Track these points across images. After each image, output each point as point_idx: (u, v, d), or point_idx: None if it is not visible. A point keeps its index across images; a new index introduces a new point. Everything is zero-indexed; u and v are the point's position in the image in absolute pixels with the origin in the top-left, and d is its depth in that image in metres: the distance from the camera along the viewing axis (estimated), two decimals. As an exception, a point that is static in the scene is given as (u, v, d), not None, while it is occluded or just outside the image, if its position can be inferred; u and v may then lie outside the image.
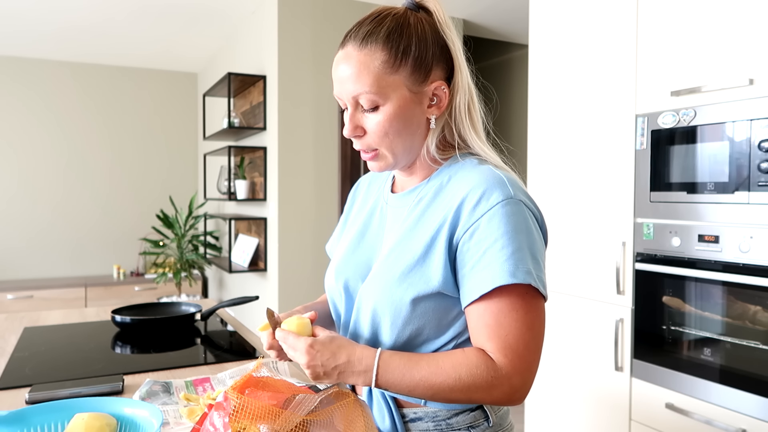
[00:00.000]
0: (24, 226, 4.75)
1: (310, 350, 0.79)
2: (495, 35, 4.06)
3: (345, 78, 0.85)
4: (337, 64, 0.86)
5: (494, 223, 0.79)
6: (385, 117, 0.84)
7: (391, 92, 0.84)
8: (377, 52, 0.83)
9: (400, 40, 0.84)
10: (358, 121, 0.86)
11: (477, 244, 0.80)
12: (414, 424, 0.87)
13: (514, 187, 0.83)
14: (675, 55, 1.66)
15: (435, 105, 0.87)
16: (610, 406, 1.87)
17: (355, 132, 0.87)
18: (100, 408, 0.87)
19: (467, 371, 0.78)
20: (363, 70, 0.83)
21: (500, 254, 0.78)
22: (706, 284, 1.59)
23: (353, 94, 0.84)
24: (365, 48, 0.84)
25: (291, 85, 3.24)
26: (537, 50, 2.18)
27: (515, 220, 0.80)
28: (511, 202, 0.81)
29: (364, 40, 0.84)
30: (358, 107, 0.86)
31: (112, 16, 3.64)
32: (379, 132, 0.85)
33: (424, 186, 0.91)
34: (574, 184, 2.02)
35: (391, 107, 0.84)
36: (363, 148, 0.88)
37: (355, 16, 3.36)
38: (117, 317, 1.62)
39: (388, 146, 0.86)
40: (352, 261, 0.95)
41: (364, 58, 0.83)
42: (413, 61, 0.84)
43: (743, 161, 1.49)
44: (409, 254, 0.85)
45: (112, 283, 4.69)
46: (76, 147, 4.90)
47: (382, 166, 0.89)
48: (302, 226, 3.31)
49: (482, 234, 0.80)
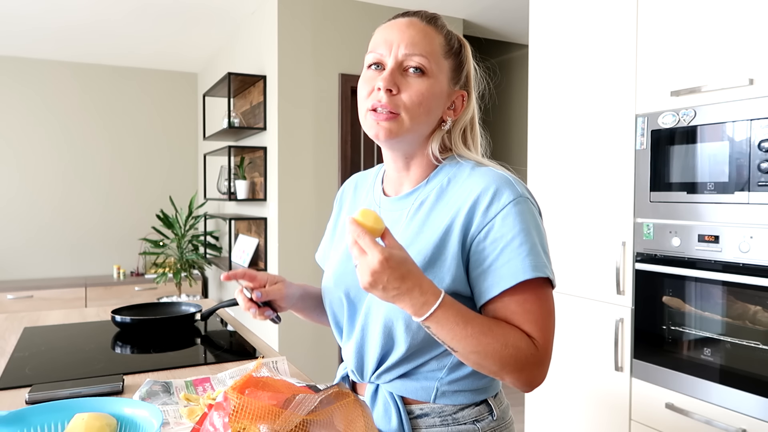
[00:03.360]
0: (24, 226, 4.75)
1: (384, 264, 0.71)
2: (495, 35, 4.06)
3: (405, 36, 0.86)
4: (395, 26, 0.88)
5: (509, 222, 0.82)
6: (428, 86, 0.86)
7: (438, 71, 0.88)
8: (440, 35, 0.89)
9: (453, 40, 0.92)
10: (397, 80, 0.86)
11: (493, 243, 0.82)
12: (421, 420, 0.88)
13: (520, 186, 0.86)
14: (675, 55, 1.66)
15: (452, 110, 0.92)
16: (610, 406, 1.87)
17: (393, 87, 0.85)
18: (100, 408, 0.87)
19: (514, 341, 0.79)
20: (427, 37, 0.87)
21: (519, 251, 0.80)
22: (706, 284, 1.59)
23: (408, 52, 0.85)
24: (432, 25, 0.89)
25: (291, 85, 3.24)
26: (537, 50, 2.18)
27: (527, 218, 0.83)
28: (521, 200, 0.84)
29: (431, 21, 0.89)
30: (400, 68, 0.86)
31: (112, 16, 3.64)
32: (415, 97, 0.85)
33: (423, 188, 0.91)
34: (574, 184, 2.02)
35: (432, 82, 0.87)
36: (388, 106, 0.85)
37: (355, 16, 3.37)
38: (117, 317, 1.62)
39: (413, 115, 0.86)
40: (349, 267, 0.95)
41: (430, 31, 0.88)
42: (457, 63, 0.92)
43: (743, 161, 1.49)
44: (418, 258, 0.85)
45: (112, 283, 4.69)
46: (76, 147, 4.90)
47: (393, 131, 0.86)
48: (302, 226, 3.31)
49: (498, 233, 0.82)
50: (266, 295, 0.98)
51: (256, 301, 0.97)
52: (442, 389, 0.87)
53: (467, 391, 0.88)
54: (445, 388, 0.87)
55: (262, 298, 0.98)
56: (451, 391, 0.88)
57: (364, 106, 0.89)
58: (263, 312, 0.99)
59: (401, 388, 0.89)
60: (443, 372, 0.87)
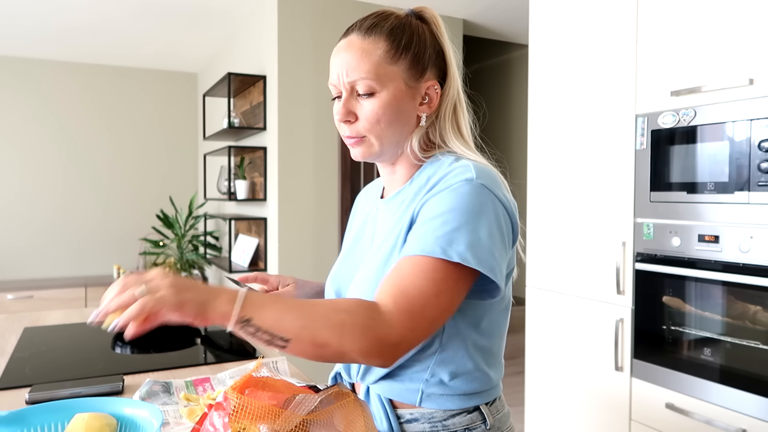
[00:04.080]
0: (24, 226, 4.75)
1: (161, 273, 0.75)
2: (495, 35, 4.06)
3: (345, 63, 0.87)
4: (338, 51, 0.89)
5: (444, 199, 0.80)
6: (380, 104, 0.86)
7: (388, 81, 0.86)
8: (380, 42, 0.87)
9: (402, 35, 0.88)
10: (351, 106, 0.88)
11: (421, 216, 0.82)
12: (410, 425, 0.87)
13: (479, 173, 0.82)
14: (675, 55, 1.66)
15: (426, 104, 0.91)
16: (610, 406, 1.87)
17: (347, 117, 0.88)
18: (100, 408, 0.87)
19: (346, 305, 0.74)
20: (364, 56, 0.86)
21: (439, 228, 0.77)
22: (706, 284, 1.59)
23: (351, 79, 0.86)
24: (369, 37, 0.87)
25: (291, 85, 3.24)
26: (537, 50, 2.18)
27: (468, 200, 0.79)
28: (471, 183, 0.80)
29: (369, 30, 0.87)
30: (353, 93, 0.88)
31: (113, 16, 3.64)
32: (371, 118, 0.87)
33: (408, 188, 0.93)
34: (574, 184, 2.02)
35: (386, 95, 0.86)
36: (351, 134, 0.89)
37: (355, 16, 3.36)
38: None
39: (377, 134, 0.88)
40: (343, 268, 1.00)
41: (367, 46, 0.86)
42: (412, 57, 0.88)
43: (743, 161, 1.49)
44: (386, 247, 0.88)
45: (112, 283, 4.68)
46: (77, 147, 4.90)
47: (365, 153, 0.90)
48: (302, 226, 3.31)
49: (429, 207, 0.81)
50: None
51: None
52: (427, 392, 0.86)
53: (455, 395, 0.86)
54: (431, 390, 0.86)
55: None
56: (438, 394, 0.86)
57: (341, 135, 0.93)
58: None
59: (388, 390, 0.89)
60: (427, 373, 0.86)
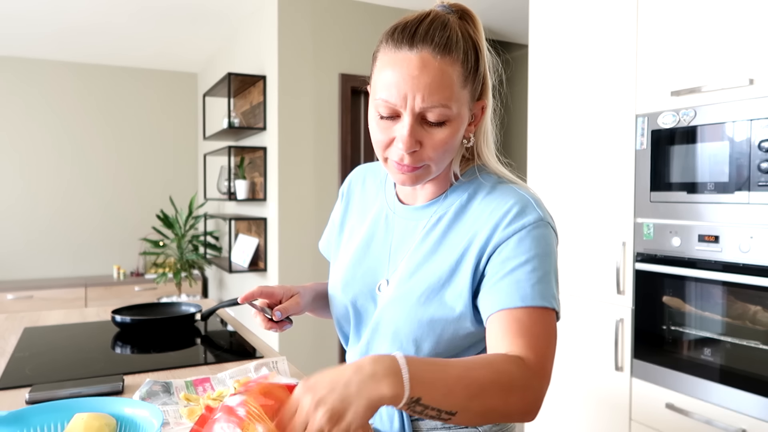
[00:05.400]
0: (25, 227, 4.75)
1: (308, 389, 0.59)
2: (495, 35, 4.06)
3: (419, 87, 0.74)
4: (404, 66, 0.75)
5: (525, 244, 0.78)
6: (450, 133, 0.78)
7: (459, 108, 0.78)
8: (457, 63, 0.76)
9: (471, 54, 0.79)
10: (418, 134, 0.77)
11: (505, 261, 0.77)
12: (422, 422, 0.88)
13: (542, 209, 0.81)
14: (675, 55, 1.66)
15: (473, 123, 0.84)
16: (610, 406, 1.87)
17: (415, 147, 0.78)
18: (100, 408, 0.87)
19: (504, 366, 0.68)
20: (444, 80, 0.75)
21: (530, 276, 0.76)
22: (706, 284, 1.59)
23: (426, 105, 0.75)
24: (447, 56, 0.75)
25: (291, 85, 3.24)
26: (537, 50, 2.18)
27: (544, 243, 0.79)
28: (542, 224, 0.80)
29: (447, 47, 0.75)
30: (420, 119, 0.77)
31: (113, 17, 3.64)
32: (440, 149, 0.78)
33: (442, 202, 0.87)
34: (575, 184, 2.02)
35: (456, 124, 0.78)
36: (412, 162, 0.79)
37: (355, 16, 3.36)
38: (117, 317, 1.62)
39: (438, 162, 0.81)
40: (358, 275, 0.93)
41: (445, 68, 0.75)
42: (477, 78, 0.80)
43: (743, 161, 1.49)
44: (432, 277, 0.82)
45: (112, 283, 4.69)
46: (77, 147, 4.90)
47: (418, 181, 0.82)
48: (302, 226, 3.31)
49: (512, 252, 0.77)
50: (285, 311, 0.95)
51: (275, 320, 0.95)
52: None
53: None
54: None
55: (283, 316, 0.95)
56: None
57: (382, 155, 0.82)
58: (282, 326, 0.97)
59: None
60: None
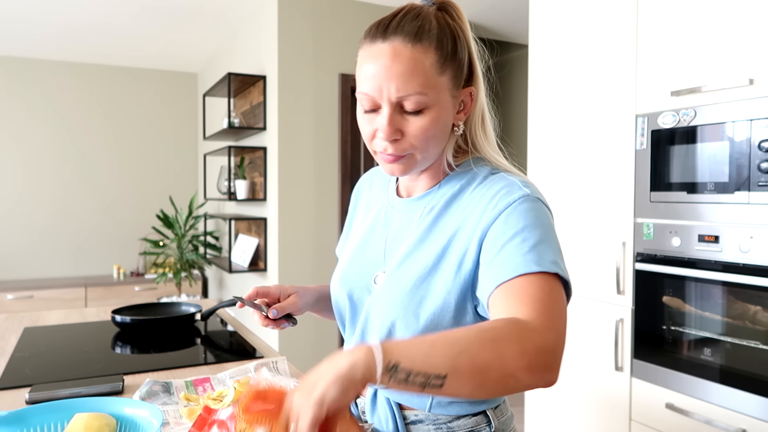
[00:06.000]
0: (25, 227, 4.75)
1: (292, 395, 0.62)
2: (495, 35, 4.06)
3: (391, 76, 0.76)
4: (378, 58, 0.77)
5: (512, 219, 0.76)
6: (430, 121, 0.79)
7: (437, 95, 0.79)
8: (430, 50, 0.77)
9: (447, 41, 0.79)
10: (398, 124, 0.79)
11: (494, 241, 0.76)
12: (415, 426, 0.87)
13: (530, 188, 0.81)
14: (675, 55, 1.66)
15: (462, 111, 0.85)
16: (610, 406, 1.87)
17: (395, 135, 0.80)
18: (100, 408, 0.87)
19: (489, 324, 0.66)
20: (416, 68, 0.76)
21: (521, 247, 0.73)
22: (706, 284, 1.59)
23: (401, 94, 0.77)
24: (419, 44, 0.77)
25: (291, 85, 3.24)
26: (537, 50, 2.18)
27: (533, 215, 0.77)
28: (529, 198, 0.79)
29: (417, 35, 0.77)
30: (398, 108, 0.79)
31: (114, 17, 3.64)
32: (420, 136, 0.79)
33: (435, 193, 0.88)
34: (575, 184, 2.02)
35: (436, 111, 0.79)
36: (395, 151, 0.81)
37: (355, 16, 3.36)
38: (117, 317, 1.62)
39: (422, 150, 0.81)
40: (356, 268, 0.94)
41: (417, 56, 0.76)
42: (457, 64, 0.80)
43: (743, 161, 1.49)
44: (420, 265, 0.83)
45: (112, 283, 4.69)
46: (77, 147, 4.90)
47: (405, 170, 0.84)
48: (302, 226, 3.31)
49: (500, 230, 0.76)
50: (282, 310, 0.99)
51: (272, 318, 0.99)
52: (437, 398, 0.85)
53: (464, 402, 0.86)
54: (441, 397, 0.84)
55: (278, 315, 0.99)
56: (447, 401, 0.85)
57: (371, 148, 0.85)
58: (279, 324, 1.01)
59: (397, 395, 0.88)
60: None
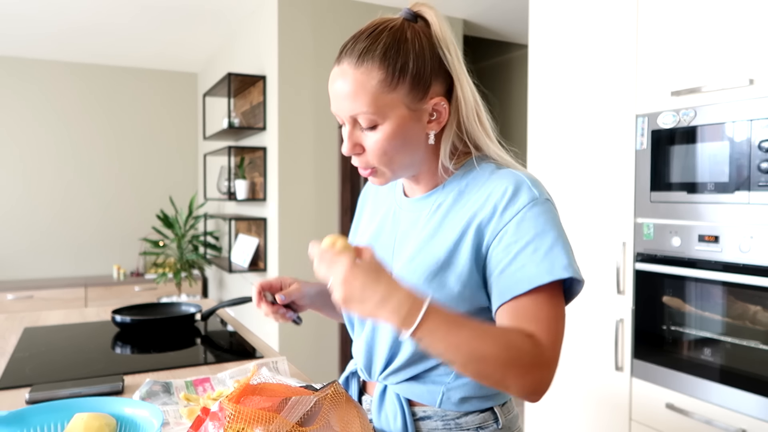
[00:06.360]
0: (25, 227, 4.75)
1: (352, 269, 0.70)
2: (495, 35, 4.06)
3: (342, 96, 0.82)
4: (334, 80, 0.84)
5: (524, 227, 0.79)
6: (384, 136, 0.82)
7: (389, 111, 0.81)
8: (374, 70, 0.80)
9: (397, 57, 0.81)
10: (356, 138, 0.84)
11: (507, 248, 0.79)
12: (423, 422, 0.88)
13: (537, 188, 0.83)
14: (675, 55, 1.66)
15: (435, 120, 0.85)
16: (611, 406, 1.87)
17: (354, 150, 0.85)
18: (100, 408, 0.87)
19: (515, 341, 0.73)
20: (360, 89, 0.80)
21: (534, 256, 0.77)
22: (706, 284, 1.59)
23: (351, 113, 0.82)
24: (361, 66, 0.80)
25: (291, 85, 3.24)
26: (537, 50, 2.18)
27: (543, 220, 0.80)
28: (538, 202, 0.81)
29: (361, 58, 0.80)
30: (356, 125, 0.84)
31: (114, 17, 3.64)
32: (377, 151, 0.83)
33: (441, 191, 0.90)
34: (575, 184, 2.02)
35: (389, 126, 0.82)
36: (361, 166, 0.87)
37: (355, 16, 3.36)
38: (117, 317, 1.62)
39: (386, 164, 0.85)
40: None
41: (360, 77, 0.80)
42: (411, 79, 0.81)
43: (743, 161, 1.49)
44: (431, 259, 0.84)
45: (112, 283, 4.69)
46: (77, 147, 4.90)
47: (381, 182, 0.89)
48: (302, 226, 3.31)
49: (512, 238, 0.79)
50: (288, 296, 1.03)
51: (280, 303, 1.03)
52: (448, 394, 0.87)
53: (474, 397, 0.87)
54: (452, 393, 0.87)
55: (286, 300, 1.03)
56: (458, 397, 0.87)
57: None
58: (285, 314, 1.04)
59: (408, 391, 0.89)
60: (450, 377, 0.87)
